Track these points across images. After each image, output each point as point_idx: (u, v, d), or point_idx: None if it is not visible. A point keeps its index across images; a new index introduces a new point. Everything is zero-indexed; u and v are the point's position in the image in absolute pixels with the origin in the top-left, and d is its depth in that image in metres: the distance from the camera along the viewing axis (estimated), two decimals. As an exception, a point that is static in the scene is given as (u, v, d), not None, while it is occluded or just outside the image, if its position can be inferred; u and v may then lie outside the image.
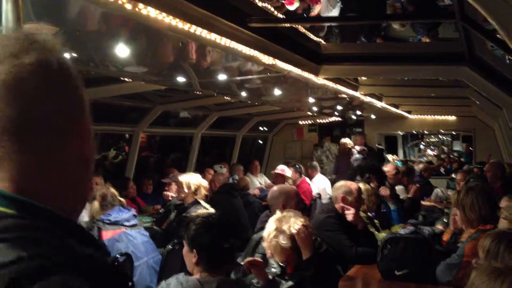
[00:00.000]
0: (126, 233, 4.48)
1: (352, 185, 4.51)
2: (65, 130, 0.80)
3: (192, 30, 3.23)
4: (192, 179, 5.40)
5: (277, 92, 6.91)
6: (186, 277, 2.48)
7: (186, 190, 5.35)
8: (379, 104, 9.08)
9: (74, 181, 0.82)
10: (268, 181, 9.93)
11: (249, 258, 2.77)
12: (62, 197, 0.79)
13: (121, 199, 5.09)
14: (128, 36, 3.48)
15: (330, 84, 6.27)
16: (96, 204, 4.72)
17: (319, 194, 8.80)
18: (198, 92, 7.14)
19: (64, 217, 0.77)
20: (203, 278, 2.45)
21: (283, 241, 2.95)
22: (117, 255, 4.02)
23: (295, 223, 2.99)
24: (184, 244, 2.62)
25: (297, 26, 5.11)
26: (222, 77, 5.45)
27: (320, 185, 9.24)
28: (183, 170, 8.28)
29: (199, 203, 5.34)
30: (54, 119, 0.78)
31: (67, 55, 0.86)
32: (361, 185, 4.99)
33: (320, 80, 5.77)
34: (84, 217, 5.60)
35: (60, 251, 0.69)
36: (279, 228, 2.99)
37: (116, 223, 4.52)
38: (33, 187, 0.76)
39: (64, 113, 0.80)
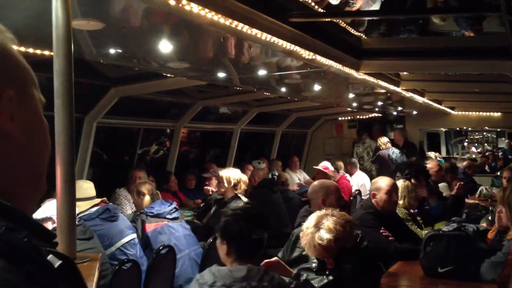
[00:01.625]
0: (169, 225, 4.57)
1: (380, 180, 4.47)
2: None
3: (233, 25, 3.26)
4: (232, 174, 5.47)
5: (316, 87, 6.88)
6: (218, 267, 2.55)
7: (226, 185, 5.42)
8: (421, 99, 8.91)
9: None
10: (307, 177, 9.92)
11: (265, 261, 2.81)
12: None
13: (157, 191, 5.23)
14: (171, 32, 3.54)
15: (371, 79, 6.20)
16: (147, 198, 4.84)
17: (358, 190, 8.73)
18: (238, 88, 7.19)
19: None
20: (233, 267, 2.53)
21: (319, 240, 2.96)
22: (160, 247, 4.13)
23: (334, 222, 2.99)
24: (217, 236, 2.71)
25: (337, 20, 5.07)
26: (261, 72, 5.47)
27: (359, 181, 9.18)
28: (222, 165, 8.37)
29: (239, 197, 5.40)
30: None
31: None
32: (401, 182, 4.94)
33: (360, 75, 5.72)
34: (128, 210, 5.76)
35: None
36: (317, 224, 3.00)
37: (158, 216, 4.62)
38: None
39: None
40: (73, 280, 0.75)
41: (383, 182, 4.39)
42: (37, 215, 3.58)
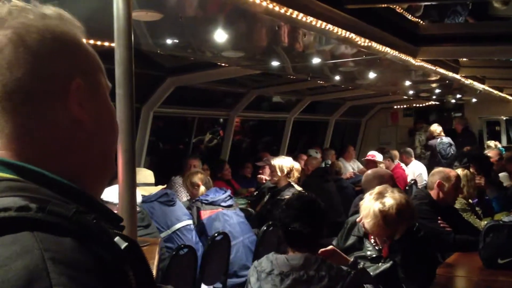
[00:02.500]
0: (223, 213, 4.64)
1: (451, 172, 4.34)
2: (50, 95, 0.78)
3: (288, 13, 3.25)
4: (285, 163, 5.48)
5: (371, 75, 6.76)
6: (275, 255, 2.57)
7: (279, 173, 5.43)
8: (481, 87, 8.60)
9: (69, 144, 0.80)
10: (361, 167, 9.80)
11: (321, 250, 2.78)
12: (57, 161, 0.78)
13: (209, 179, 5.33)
14: (226, 21, 3.57)
15: (428, 66, 6.03)
16: (200, 188, 4.95)
17: (414, 180, 8.54)
18: (291, 77, 7.17)
19: (62, 180, 0.76)
20: (290, 255, 2.54)
21: (381, 204, 2.90)
22: (214, 234, 4.20)
23: (399, 195, 2.93)
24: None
25: (393, 6, 4.96)
26: (315, 60, 5.44)
27: (415, 171, 8.98)
28: (275, 154, 8.39)
29: (292, 186, 5.40)
30: (38, 87, 0.76)
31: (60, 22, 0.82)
32: (460, 171, 4.80)
33: (417, 62, 5.58)
34: (183, 197, 5.89)
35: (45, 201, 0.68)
36: (382, 192, 2.94)
37: (213, 203, 4.70)
38: (26, 154, 0.76)
39: (48, 79, 0.77)
40: (138, 262, 0.77)
41: (453, 173, 4.27)
42: (98, 199, 3.71)
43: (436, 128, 10.06)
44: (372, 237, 3.11)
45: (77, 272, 0.62)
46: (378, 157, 8.16)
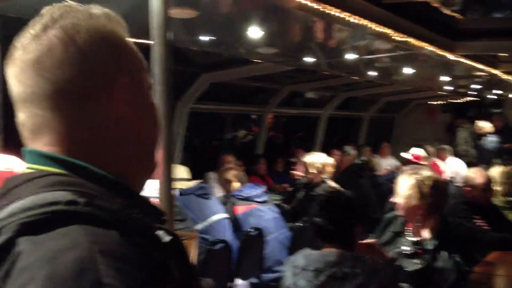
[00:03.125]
0: (258, 208, 4.66)
1: (483, 171, 4.26)
2: (97, 93, 0.80)
3: (323, 8, 3.24)
4: (316, 159, 5.48)
5: (407, 70, 6.68)
6: (310, 251, 2.56)
7: (312, 170, 5.43)
8: (521, 82, 8.38)
9: (115, 141, 0.82)
10: (397, 163, 9.67)
11: (362, 241, 2.75)
12: (103, 156, 0.80)
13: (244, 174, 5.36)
14: (260, 18, 3.58)
15: (466, 61, 5.91)
16: (235, 184, 4.98)
17: (452, 177, 8.38)
18: (325, 73, 7.14)
19: (108, 175, 0.78)
20: (325, 251, 2.52)
21: (419, 177, 2.88)
22: (249, 229, 4.23)
23: (429, 172, 2.91)
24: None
25: (429, 0, 4.88)
26: (350, 56, 5.40)
27: (453, 168, 8.80)
28: (308, 150, 8.36)
29: (326, 182, 5.40)
30: (86, 85, 0.79)
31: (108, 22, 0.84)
32: (499, 168, 4.69)
33: (455, 57, 5.48)
34: (218, 193, 5.93)
35: (95, 200, 0.70)
36: (420, 171, 2.93)
37: (247, 199, 4.73)
38: (74, 150, 0.78)
39: (95, 77, 0.80)
40: (179, 256, 0.79)
41: (478, 175, 4.19)
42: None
43: (484, 125, 9.85)
44: (407, 231, 3.09)
45: (123, 264, 0.64)
46: (421, 155, 8.00)
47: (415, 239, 3.00)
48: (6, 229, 0.66)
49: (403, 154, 8.24)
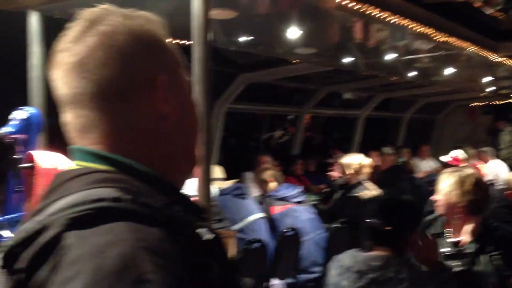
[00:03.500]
0: (294, 209, 4.65)
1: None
2: (138, 92, 0.82)
3: (362, 9, 3.22)
4: (353, 160, 5.44)
5: (448, 71, 6.55)
6: (358, 252, 2.53)
7: (349, 171, 5.40)
8: None
9: (157, 138, 0.84)
10: (436, 165, 9.49)
11: (423, 238, 2.70)
12: (145, 154, 0.82)
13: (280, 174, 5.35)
14: (299, 18, 3.58)
15: (509, 62, 5.76)
16: (271, 184, 5.00)
17: (493, 180, 8.17)
18: (363, 73, 7.07)
19: (152, 172, 0.80)
20: (371, 254, 2.48)
21: (462, 173, 2.84)
22: (285, 230, 4.23)
23: (472, 170, 2.86)
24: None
25: (472, 0, 4.78)
26: (389, 56, 5.34)
27: (494, 171, 8.58)
28: (345, 151, 8.31)
29: (363, 183, 5.35)
30: (127, 84, 0.81)
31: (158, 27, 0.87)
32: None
33: (498, 58, 5.34)
34: (254, 193, 5.96)
35: (142, 197, 0.72)
36: (457, 171, 2.89)
37: (284, 199, 4.73)
38: (119, 147, 0.80)
39: (136, 76, 0.82)
40: (219, 254, 0.80)
41: None
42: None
43: None
44: (447, 233, 3.03)
45: (165, 261, 0.65)
46: (460, 157, 7.85)
47: (455, 239, 2.95)
48: (54, 224, 0.68)
49: (442, 158, 8.09)
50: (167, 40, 0.89)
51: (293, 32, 3.83)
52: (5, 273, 0.69)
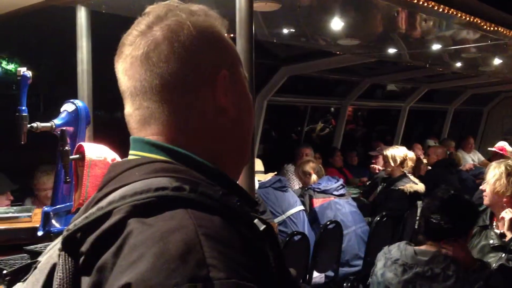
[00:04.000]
0: (335, 201, 4.63)
1: None
2: (199, 85, 0.84)
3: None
4: (398, 152, 5.37)
5: (496, 61, 6.34)
6: (406, 245, 2.52)
7: (392, 164, 5.34)
8: None
9: (215, 131, 0.86)
10: (482, 158, 9.24)
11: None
12: (204, 146, 0.85)
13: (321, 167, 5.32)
14: (343, 9, 3.54)
15: None
16: (313, 177, 4.99)
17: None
18: (408, 64, 6.93)
19: (209, 164, 0.83)
20: (420, 249, 2.47)
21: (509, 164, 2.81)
22: (327, 222, 4.22)
23: None
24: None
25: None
26: (435, 47, 5.21)
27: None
28: (388, 143, 8.19)
29: (406, 176, 5.28)
30: (189, 78, 0.83)
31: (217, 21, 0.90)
32: None
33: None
34: (295, 185, 5.96)
35: (199, 186, 0.75)
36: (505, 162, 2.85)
37: (325, 192, 4.71)
38: (178, 139, 0.84)
39: (198, 71, 0.84)
40: (273, 244, 0.81)
41: None
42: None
43: None
44: (494, 225, 2.97)
45: (226, 247, 0.68)
46: (508, 148, 7.62)
47: (501, 231, 2.90)
48: (117, 210, 0.72)
49: (490, 149, 7.88)
50: (227, 36, 0.92)
51: (336, 23, 3.80)
52: (64, 256, 0.73)
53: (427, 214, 2.51)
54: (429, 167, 6.72)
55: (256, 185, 4.43)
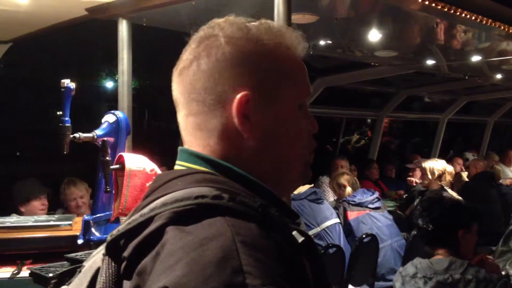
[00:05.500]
0: (370, 214, 4.58)
1: None
2: (219, 105, 0.86)
3: (446, 9, 3.12)
4: (436, 165, 5.26)
5: (538, 73, 6.19)
6: (420, 259, 2.54)
7: (430, 176, 5.23)
8: None
9: (239, 151, 0.87)
10: (523, 173, 8.97)
11: (478, 257, 2.65)
12: (244, 160, 0.86)
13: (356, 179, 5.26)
14: (381, 20, 3.53)
15: None
16: (348, 189, 4.95)
17: None
18: (446, 76, 6.83)
19: (248, 176, 0.84)
20: (434, 259, 2.47)
21: None
22: (362, 235, 4.17)
23: None
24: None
25: None
26: (474, 58, 5.12)
27: None
28: (425, 156, 8.05)
29: (445, 189, 5.16)
30: (210, 98, 0.86)
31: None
32: None
33: None
34: (330, 197, 5.92)
35: (241, 196, 0.76)
36: None
37: (360, 205, 4.66)
38: (219, 152, 0.86)
39: (217, 90, 0.86)
40: (313, 256, 0.82)
41: None
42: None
43: None
44: None
45: (263, 255, 0.68)
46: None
47: None
48: (159, 216, 0.74)
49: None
50: (283, 52, 0.91)
51: (374, 35, 3.78)
52: (107, 260, 0.76)
53: (415, 221, 2.56)
54: (468, 180, 6.58)
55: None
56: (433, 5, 2.98)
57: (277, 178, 0.91)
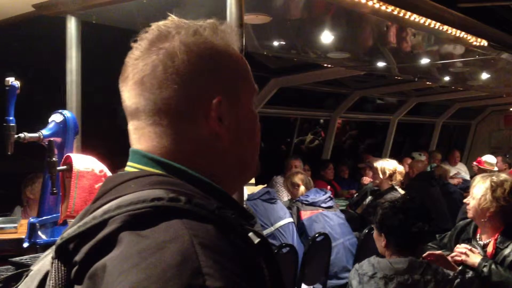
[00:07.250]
0: (323, 214, 4.63)
1: None
2: (192, 113, 0.86)
3: (396, 12, 3.19)
4: (387, 165, 5.38)
5: (484, 76, 6.42)
6: (377, 258, 2.55)
7: (381, 176, 5.34)
8: None
9: (210, 154, 0.87)
10: (467, 171, 9.32)
11: (429, 252, 2.72)
12: (199, 165, 0.86)
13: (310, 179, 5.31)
14: (333, 22, 3.57)
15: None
16: (301, 188, 4.98)
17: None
18: (396, 77, 7.00)
19: (204, 178, 0.84)
20: (394, 259, 2.50)
21: (495, 178, 2.83)
22: (315, 235, 4.22)
23: (508, 177, 2.84)
24: (374, 228, 2.70)
25: (510, 4, 4.67)
26: (424, 61, 5.27)
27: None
28: (377, 156, 8.22)
29: (395, 189, 5.29)
30: (182, 106, 0.84)
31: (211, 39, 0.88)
32: None
33: (537, 62, 5.21)
34: (284, 197, 5.96)
35: (192, 195, 0.76)
36: (491, 178, 2.87)
37: (313, 204, 4.71)
38: (172, 156, 0.85)
39: (191, 98, 0.85)
40: (268, 258, 0.82)
41: None
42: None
43: None
44: (477, 237, 3.00)
45: (222, 257, 0.68)
46: (491, 160, 7.73)
47: (484, 242, 2.94)
48: (113, 220, 0.72)
49: (475, 163, 7.99)
50: (233, 51, 0.91)
51: (326, 37, 3.83)
52: (57, 264, 0.73)
53: (395, 229, 2.58)
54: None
55: (245, 196, 4.42)
56: (383, 8, 3.05)
57: (233, 179, 0.93)
